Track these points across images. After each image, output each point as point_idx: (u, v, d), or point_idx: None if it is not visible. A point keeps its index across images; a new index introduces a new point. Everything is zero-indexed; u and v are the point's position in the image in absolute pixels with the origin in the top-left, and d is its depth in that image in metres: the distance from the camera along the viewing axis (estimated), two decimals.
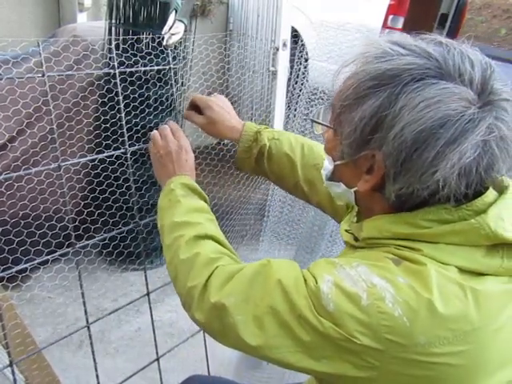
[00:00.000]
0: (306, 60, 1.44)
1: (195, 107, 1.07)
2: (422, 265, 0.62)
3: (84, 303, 1.26)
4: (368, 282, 0.61)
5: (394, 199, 0.65)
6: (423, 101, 0.59)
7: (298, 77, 1.35)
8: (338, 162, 0.72)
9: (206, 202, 0.93)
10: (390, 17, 3.80)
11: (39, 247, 1.63)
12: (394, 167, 0.63)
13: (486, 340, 0.61)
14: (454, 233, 0.63)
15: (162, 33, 1.10)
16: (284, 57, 2.92)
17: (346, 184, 0.73)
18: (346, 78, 0.68)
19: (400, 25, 3.82)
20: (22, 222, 1.84)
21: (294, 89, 1.37)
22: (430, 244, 0.64)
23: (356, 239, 0.75)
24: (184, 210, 0.87)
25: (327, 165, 0.76)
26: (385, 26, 3.77)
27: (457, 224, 0.63)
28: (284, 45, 2.91)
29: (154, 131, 1.03)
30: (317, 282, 0.64)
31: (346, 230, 0.78)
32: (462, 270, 0.62)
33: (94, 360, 1.31)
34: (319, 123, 0.76)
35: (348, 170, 0.71)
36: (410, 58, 0.62)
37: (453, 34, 4.55)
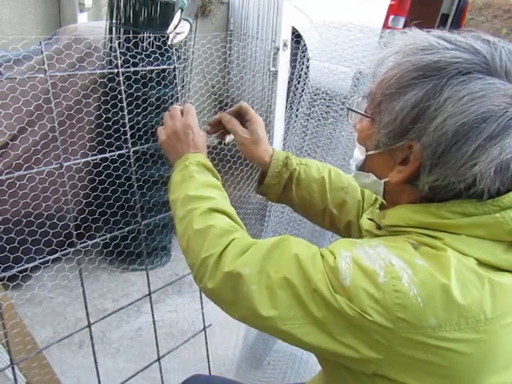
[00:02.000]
0: (308, 60, 1.44)
1: (238, 115, 1.04)
2: (441, 250, 0.62)
3: (85, 304, 1.25)
4: (386, 260, 0.62)
5: (426, 191, 0.66)
6: (468, 94, 0.60)
7: (300, 77, 1.35)
8: (372, 152, 0.72)
9: (218, 180, 0.93)
10: (391, 17, 3.81)
11: (40, 246, 1.63)
12: (432, 159, 0.63)
13: (497, 333, 0.61)
14: (477, 225, 0.64)
15: (168, 32, 1.09)
16: (285, 57, 2.92)
17: (377, 175, 0.73)
18: (389, 69, 0.68)
19: (401, 25, 3.83)
20: (24, 220, 1.84)
21: (296, 89, 1.36)
22: (452, 234, 0.64)
23: (378, 228, 0.75)
24: (198, 184, 0.87)
25: (358, 155, 0.76)
26: (385, 26, 3.78)
27: (481, 217, 0.64)
28: (285, 45, 2.91)
29: (166, 112, 1.02)
30: (335, 258, 0.65)
31: (368, 218, 0.79)
32: (480, 263, 0.63)
33: (95, 360, 1.31)
34: (357, 112, 0.75)
35: (381, 161, 0.71)
36: (456, 52, 0.62)
37: None
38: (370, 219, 0.78)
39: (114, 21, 2.05)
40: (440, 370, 0.61)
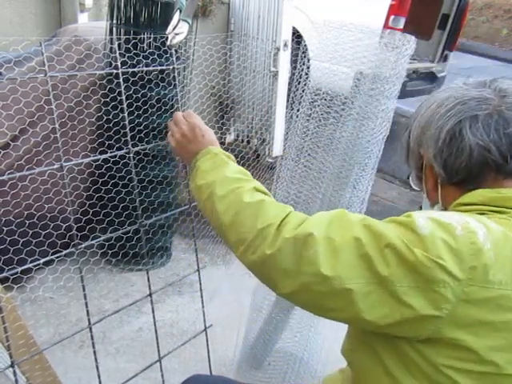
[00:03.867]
0: (308, 60, 1.44)
1: None
2: (510, 218, 0.70)
3: (86, 304, 1.25)
4: (462, 219, 0.67)
5: (442, 172, 0.78)
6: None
7: (300, 77, 1.35)
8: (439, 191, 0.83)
9: None
10: (392, 17, 3.80)
11: (44, 247, 1.63)
12: (424, 148, 0.80)
13: None
14: None
15: (166, 32, 1.10)
16: (285, 57, 2.92)
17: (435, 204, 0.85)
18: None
19: (401, 25, 3.82)
20: (27, 222, 1.84)
21: (297, 89, 1.36)
22: None
23: None
24: (235, 169, 0.91)
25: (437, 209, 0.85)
26: (386, 26, 3.77)
27: None
28: (285, 45, 2.91)
29: (170, 120, 1.06)
30: (410, 217, 0.68)
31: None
32: None
33: (96, 360, 1.31)
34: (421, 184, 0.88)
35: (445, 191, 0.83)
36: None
37: (454, 34, 4.56)
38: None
39: (114, 21, 2.05)
40: (499, 329, 0.64)
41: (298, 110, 1.39)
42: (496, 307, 0.63)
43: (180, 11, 1.10)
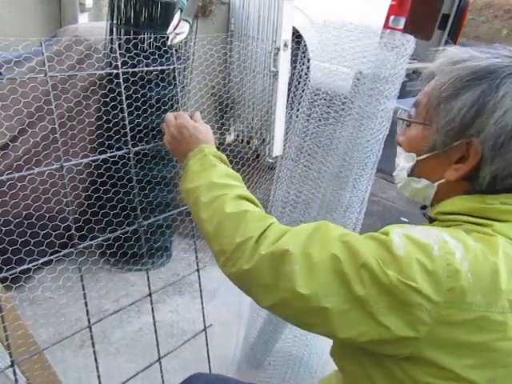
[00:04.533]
0: (308, 60, 1.44)
1: None
2: (491, 235, 0.66)
3: (86, 304, 1.26)
4: (440, 238, 0.64)
5: (486, 184, 0.70)
6: None
7: (300, 77, 1.35)
8: (425, 155, 0.75)
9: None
10: (392, 17, 3.81)
11: (43, 247, 1.63)
12: (493, 150, 0.68)
13: None
14: None
15: (167, 32, 1.10)
16: (285, 57, 2.92)
17: (429, 178, 0.77)
18: (439, 76, 0.73)
19: (401, 25, 3.83)
20: (26, 222, 1.84)
21: (297, 89, 1.37)
22: (501, 222, 0.68)
23: (430, 221, 0.78)
24: (222, 173, 0.88)
25: (405, 164, 0.79)
26: (386, 26, 3.78)
27: None
28: (285, 45, 2.91)
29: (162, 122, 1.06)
30: (387, 235, 0.67)
31: (423, 213, 0.82)
32: None
33: (96, 360, 1.31)
34: (408, 120, 0.80)
35: (435, 162, 0.75)
36: (500, 59, 0.69)
37: (454, 34, 4.56)
38: (426, 215, 0.81)
39: (114, 21, 2.05)
40: (477, 349, 0.62)
41: (297, 110, 1.39)
42: (475, 328, 0.61)
43: (181, 11, 1.10)
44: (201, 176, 0.88)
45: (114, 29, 2.06)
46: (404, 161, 0.79)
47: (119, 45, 1.97)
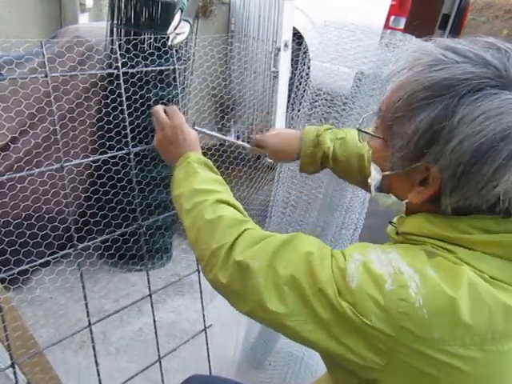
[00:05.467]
0: (309, 61, 1.44)
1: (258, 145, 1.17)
2: (457, 264, 0.61)
3: (86, 305, 1.26)
4: (396, 268, 0.61)
5: (449, 212, 0.64)
6: (483, 113, 0.57)
7: (302, 77, 1.35)
8: (388, 173, 0.70)
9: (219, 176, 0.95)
10: (392, 17, 3.81)
11: (41, 248, 1.63)
12: (452, 181, 0.61)
13: (504, 355, 0.60)
14: (495, 243, 0.62)
15: (168, 32, 1.10)
16: (286, 57, 2.92)
17: (396, 195, 0.72)
18: (396, 88, 0.65)
19: (402, 25, 3.82)
20: (25, 223, 1.83)
21: (298, 90, 1.36)
22: (467, 250, 0.63)
23: (397, 233, 0.74)
24: (203, 179, 0.88)
25: (375, 174, 0.74)
26: (386, 26, 3.77)
27: (500, 235, 0.62)
28: (285, 45, 2.91)
29: (153, 117, 1.02)
30: (345, 260, 0.64)
31: (390, 222, 0.77)
32: (495, 281, 0.61)
33: (96, 361, 1.31)
34: (368, 133, 0.73)
35: (398, 181, 0.69)
36: (466, 66, 0.59)
37: (455, 34, 4.56)
38: (392, 223, 0.77)
39: (114, 21, 2.05)
40: (439, 378, 0.59)
41: (298, 111, 1.39)
42: (435, 361, 0.58)
43: (181, 11, 1.10)
44: (184, 183, 0.88)
45: (115, 29, 2.06)
46: (374, 171, 0.74)
47: (119, 45, 1.97)
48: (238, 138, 3.24)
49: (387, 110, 0.67)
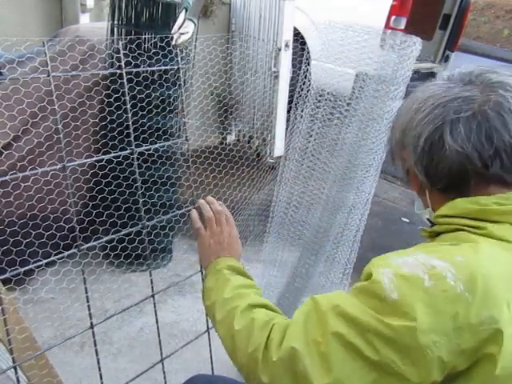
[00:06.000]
0: (309, 61, 1.44)
1: None
2: (477, 243, 0.67)
3: (89, 307, 1.25)
4: (427, 264, 0.64)
5: (425, 179, 0.76)
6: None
7: (305, 77, 1.35)
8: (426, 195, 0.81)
9: (251, 280, 0.94)
10: (393, 17, 3.80)
11: (46, 248, 1.63)
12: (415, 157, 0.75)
13: None
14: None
15: (172, 32, 1.09)
16: (286, 58, 2.91)
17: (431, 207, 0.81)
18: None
19: (402, 25, 3.82)
20: (30, 222, 1.83)
21: (302, 90, 1.36)
22: (495, 223, 0.69)
23: (431, 225, 0.80)
24: (233, 286, 0.89)
25: (425, 210, 0.83)
26: (387, 26, 3.77)
27: None
28: (286, 45, 2.91)
29: (208, 211, 1.03)
30: (371, 276, 0.66)
31: (427, 219, 0.84)
32: None
33: (98, 361, 1.31)
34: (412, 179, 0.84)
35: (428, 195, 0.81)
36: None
37: (455, 34, 4.56)
38: (428, 220, 0.83)
39: (115, 21, 2.05)
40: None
41: (302, 111, 1.39)
42: (493, 341, 0.61)
43: (186, 10, 1.10)
44: (215, 293, 0.90)
45: (115, 29, 2.05)
46: (423, 207, 0.85)
47: (124, 44, 1.97)
48: (238, 136, 3.25)
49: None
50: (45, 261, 1.20)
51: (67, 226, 1.76)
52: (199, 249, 1.01)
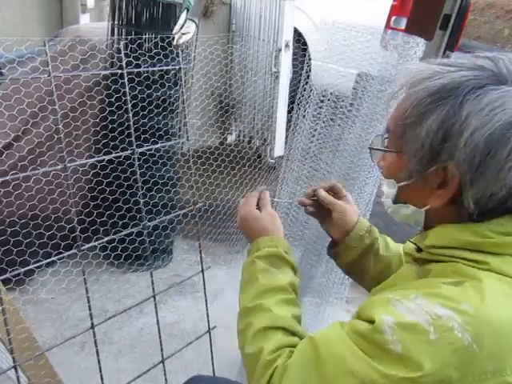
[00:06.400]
0: (309, 60, 1.44)
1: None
2: (483, 283, 0.62)
3: (89, 307, 1.25)
4: (432, 313, 0.60)
5: (472, 206, 0.65)
6: (488, 105, 0.62)
7: (308, 77, 1.35)
8: (405, 183, 0.72)
9: (292, 268, 0.90)
10: (393, 18, 3.80)
11: (47, 249, 1.62)
12: (470, 173, 0.64)
13: None
14: None
15: (173, 32, 1.09)
16: (286, 58, 2.92)
17: (415, 204, 0.73)
18: (401, 102, 0.70)
19: (403, 26, 3.82)
20: (31, 223, 1.83)
21: (304, 90, 1.36)
22: (497, 256, 0.64)
23: (419, 250, 0.74)
24: (259, 291, 0.85)
25: (388, 190, 0.76)
26: (388, 26, 3.77)
27: None
28: (286, 46, 2.91)
29: (251, 198, 1.00)
30: (373, 323, 0.63)
31: (410, 241, 0.78)
32: None
33: (98, 361, 1.31)
34: (378, 149, 0.77)
35: (417, 189, 0.72)
36: (462, 72, 0.65)
37: (456, 34, 4.55)
38: (412, 242, 0.77)
39: (116, 22, 2.05)
40: None
41: (304, 111, 1.38)
42: None
43: (187, 11, 1.09)
44: (243, 292, 0.87)
45: (116, 29, 2.05)
46: (387, 187, 0.77)
47: (125, 44, 1.97)
48: (239, 137, 3.24)
49: (396, 121, 0.71)
50: (45, 261, 1.19)
51: (68, 227, 1.76)
52: (243, 231, 0.97)
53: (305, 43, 3.86)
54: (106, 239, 1.33)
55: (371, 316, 0.64)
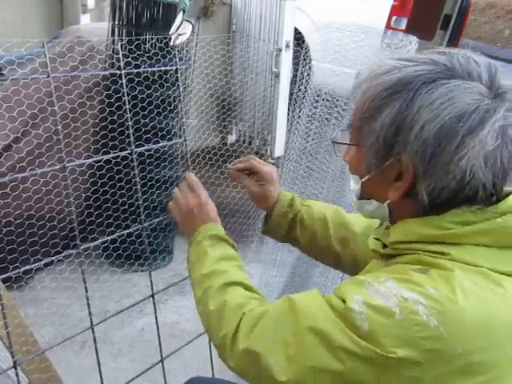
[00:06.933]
0: (309, 62, 1.44)
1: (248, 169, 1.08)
2: (449, 271, 0.63)
3: (89, 306, 1.25)
4: (399, 296, 0.62)
5: (425, 199, 0.67)
6: (438, 98, 0.64)
7: (303, 78, 1.35)
8: (366, 178, 0.74)
9: (233, 247, 0.94)
10: (394, 18, 3.80)
11: (46, 248, 1.63)
12: (422, 165, 0.65)
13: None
14: (481, 233, 0.65)
15: (170, 33, 1.10)
16: (287, 58, 2.92)
17: (378, 199, 0.75)
18: (361, 97, 0.72)
19: (403, 26, 3.82)
20: (27, 222, 1.84)
21: (299, 90, 1.36)
22: (458, 246, 0.65)
23: (384, 246, 0.76)
24: (211, 260, 0.88)
25: (353, 185, 0.78)
26: (388, 27, 3.77)
27: (482, 223, 0.65)
28: (287, 46, 2.91)
29: (176, 189, 1.02)
30: (345, 303, 0.65)
31: (375, 238, 0.79)
32: (492, 271, 0.64)
33: (98, 361, 1.31)
34: (340, 143, 0.80)
35: (376, 183, 0.73)
36: (417, 67, 0.67)
37: (456, 34, 4.55)
38: (377, 238, 0.79)
39: (116, 22, 2.05)
40: None
41: (300, 111, 1.39)
42: (462, 374, 0.60)
43: (183, 12, 1.10)
44: (195, 267, 0.90)
45: (116, 30, 2.06)
46: (353, 183, 0.78)
47: (122, 46, 1.97)
48: (239, 137, 3.25)
49: (355, 115, 0.73)
50: (44, 261, 1.20)
51: (68, 227, 1.76)
52: (183, 225, 1.00)
53: (303, 42, 3.86)
54: (105, 238, 1.34)
55: (344, 296, 0.66)
